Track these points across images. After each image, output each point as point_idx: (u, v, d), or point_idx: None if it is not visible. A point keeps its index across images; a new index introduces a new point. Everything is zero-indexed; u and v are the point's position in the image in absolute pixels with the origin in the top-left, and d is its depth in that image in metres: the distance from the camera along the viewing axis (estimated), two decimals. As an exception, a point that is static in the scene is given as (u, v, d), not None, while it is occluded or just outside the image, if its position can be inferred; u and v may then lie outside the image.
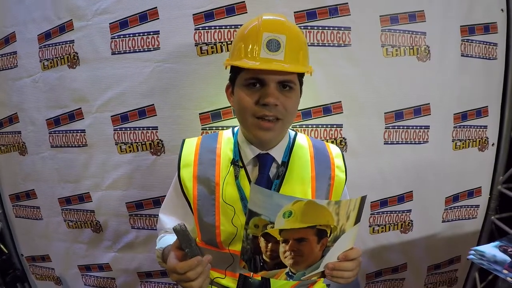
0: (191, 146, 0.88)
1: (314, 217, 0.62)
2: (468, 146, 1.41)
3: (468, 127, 1.39)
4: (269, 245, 0.65)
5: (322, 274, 0.69)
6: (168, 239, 0.84)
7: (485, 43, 1.34)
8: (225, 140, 0.89)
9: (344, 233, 0.65)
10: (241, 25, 0.87)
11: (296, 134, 0.92)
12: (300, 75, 0.82)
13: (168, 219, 0.89)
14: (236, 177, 0.82)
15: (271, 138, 0.80)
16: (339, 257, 0.68)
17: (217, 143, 0.88)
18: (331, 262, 0.67)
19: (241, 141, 0.86)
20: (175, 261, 0.64)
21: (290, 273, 0.68)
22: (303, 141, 0.91)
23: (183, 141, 0.90)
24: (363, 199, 0.64)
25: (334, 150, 0.92)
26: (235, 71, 0.80)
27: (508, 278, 0.99)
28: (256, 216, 0.63)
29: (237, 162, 0.83)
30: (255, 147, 0.84)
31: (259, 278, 0.83)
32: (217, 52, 1.20)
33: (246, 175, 0.83)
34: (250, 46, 0.75)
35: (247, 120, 0.78)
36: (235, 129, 0.91)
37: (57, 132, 1.37)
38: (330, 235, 0.64)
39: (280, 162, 0.84)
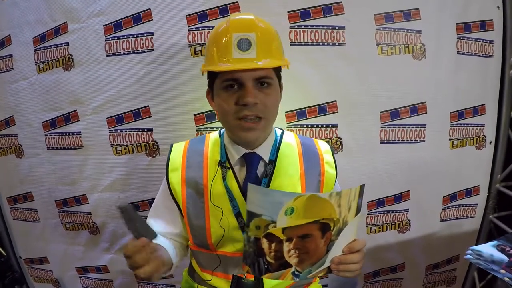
0: (178, 150, 0.88)
1: (317, 211, 0.61)
2: (466, 145, 1.40)
3: (465, 125, 1.38)
4: (273, 245, 0.63)
5: (328, 270, 0.68)
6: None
7: (481, 40, 1.33)
8: (212, 142, 0.88)
9: (347, 225, 0.64)
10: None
11: (283, 132, 0.92)
12: (277, 70, 0.81)
13: (155, 223, 0.88)
14: (224, 178, 0.82)
15: (255, 137, 0.79)
16: (343, 250, 0.67)
17: (204, 145, 0.88)
18: (337, 256, 0.66)
19: (227, 142, 0.86)
20: (126, 245, 0.64)
21: (296, 272, 0.66)
22: (290, 139, 0.91)
23: (171, 145, 0.90)
24: (362, 187, 0.63)
25: (323, 146, 0.91)
26: (212, 76, 0.80)
27: (506, 278, 0.98)
28: (256, 217, 0.61)
29: (224, 163, 0.83)
30: (241, 147, 0.83)
31: (252, 279, 0.83)
32: (211, 52, 1.19)
33: (234, 175, 0.83)
34: (222, 49, 0.75)
35: (229, 122, 0.78)
36: (222, 130, 0.91)
37: (53, 134, 1.37)
38: (333, 228, 0.63)
39: (267, 161, 0.84)
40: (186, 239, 0.89)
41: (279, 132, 0.91)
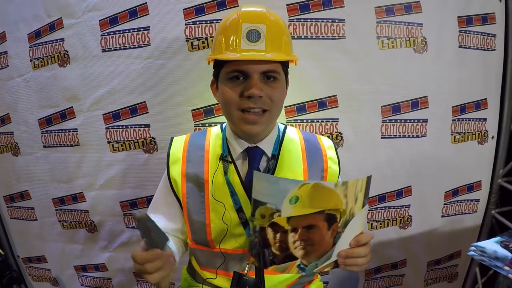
0: (179, 143, 0.86)
1: (322, 201, 0.60)
2: (468, 139, 1.38)
3: (467, 120, 1.36)
4: (278, 235, 0.62)
5: (335, 264, 0.66)
6: None
7: (483, 34, 1.31)
8: (214, 136, 0.87)
9: (353, 217, 0.62)
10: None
11: (286, 128, 0.90)
12: (285, 65, 0.79)
13: (156, 218, 0.86)
14: (225, 173, 0.80)
15: (258, 131, 0.78)
16: (350, 243, 0.65)
17: (205, 139, 0.86)
18: (344, 250, 0.64)
19: (229, 136, 0.84)
20: (136, 251, 0.63)
21: (301, 266, 0.65)
22: (293, 134, 0.89)
23: (171, 139, 0.89)
24: (369, 178, 0.61)
25: (326, 142, 0.90)
26: (218, 65, 0.78)
27: (510, 275, 0.97)
28: (261, 206, 0.60)
29: (225, 157, 0.81)
30: (244, 140, 0.82)
31: (254, 276, 0.81)
32: (208, 47, 1.17)
33: (236, 170, 0.81)
34: (230, 39, 0.74)
35: (232, 114, 0.76)
36: (224, 124, 0.89)
37: (49, 131, 1.35)
38: (340, 220, 0.62)
39: (270, 155, 0.82)
40: (187, 234, 0.88)
41: (282, 127, 0.90)
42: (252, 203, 0.61)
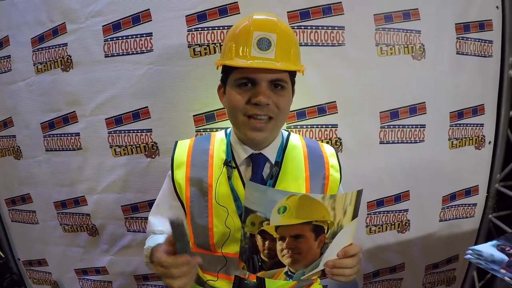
0: (183, 147, 0.88)
1: (310, 212, 0.61)
2: (465, 145, 1.40)
3: (465, 125, 1.38)
4: (266, 243, 0.64)
5: (323, 273, 0.67)
6: (156, 239, 0.84)
7: (480, 40, 1.33)
8: (218, 141, 0.88)
9: (342, 229, 0.64)
10: (233, 26, 0.87)
11: (289, 134, 0.92)
12: (292, 74, 0.81)
13: (157, 221, 0.88)
14: (229, 178, 0.81)
15: (263, 138, 0.79)
16: (338, 254, 0.66)
17: (209, 144, 0.88)
18: (331, 259, 0.66)
19: (234, 142, 0.85)
20: (162, 254, 0.61)
21: (289, 273, 0.66)
22: (296, 141, 0.90)
23: (176, 142, 0.90)
24: (359, 193, 0.63)
25: (328, 149, 0.91)
26: (227, 71, 0.79)
27: (506, 278, 0.98)
28: (252, 213, 0.62)
29: (229, 162, 0.82)
30: (248, 147, 0.83)
31: (255, 280, 0.83)
32: (210, 53, 1.19)
33: (239, 175, 0.82)
34: (241, 46, 0.75)
35: (238, 119, 0.77)
36: (228, 130, 0.90)
37: (51, 135, 1.36)
38: (327, 231, 0.63)
39: (273, 162, 0.84)
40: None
41: (285, 133, 0.91)
42: (243, 210, 0.63)
